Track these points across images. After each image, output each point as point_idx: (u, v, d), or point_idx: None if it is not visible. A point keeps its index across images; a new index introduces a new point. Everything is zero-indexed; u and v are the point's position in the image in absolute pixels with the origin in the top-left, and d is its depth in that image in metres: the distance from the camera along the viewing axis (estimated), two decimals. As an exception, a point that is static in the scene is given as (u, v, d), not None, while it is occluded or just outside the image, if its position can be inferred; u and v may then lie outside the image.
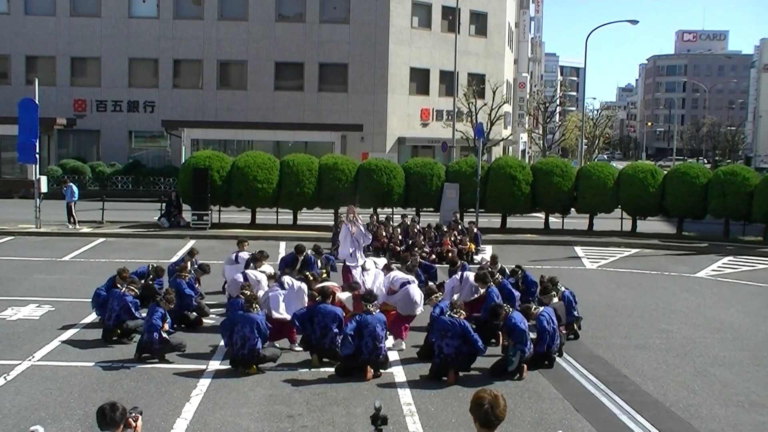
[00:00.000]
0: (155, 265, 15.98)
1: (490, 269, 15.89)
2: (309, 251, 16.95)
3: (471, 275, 14.94)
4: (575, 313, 14.43)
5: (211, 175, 27.77)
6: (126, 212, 32.10)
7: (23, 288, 17.69)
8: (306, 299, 13.51)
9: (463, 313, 12.24)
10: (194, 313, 14.75)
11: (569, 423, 10.15)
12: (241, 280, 14.42)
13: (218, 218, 29.54)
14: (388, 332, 12.53)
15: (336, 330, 12.23)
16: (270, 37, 48.51)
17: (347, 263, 16.91)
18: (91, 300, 14.72)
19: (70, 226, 27.23)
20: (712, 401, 11.14)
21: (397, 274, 14.58)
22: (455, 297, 14.70)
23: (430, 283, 15.07)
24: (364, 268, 15.36)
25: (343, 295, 13.80)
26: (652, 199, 28.67)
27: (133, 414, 6.19)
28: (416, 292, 13.72)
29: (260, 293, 13.67)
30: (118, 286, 14.34)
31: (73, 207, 27.66)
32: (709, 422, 10.32)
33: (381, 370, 11.83)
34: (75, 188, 28.36)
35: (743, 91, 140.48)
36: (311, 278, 15.80)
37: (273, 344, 12.49)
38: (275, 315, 12.94)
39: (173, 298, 13.11)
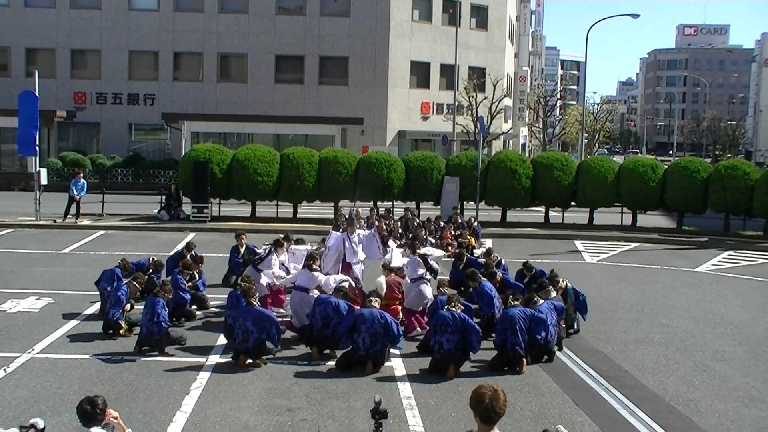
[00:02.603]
0: (155, 260, 15.99)
1: (485, 261, 16.01)
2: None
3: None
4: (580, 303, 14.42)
5: (211, 168, 27.74)
6: (126, 205, 32.07)
7: (23, 280, 17.69)
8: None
9: (461, 306, 12.22)
10: (194, 306, 14.79)
11: (569, 417, 10.15)
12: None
13: (218, 211, 29.52)
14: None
15: (337, 319, 12.25)
16: (270, 30, 48.43)
17: (347, 260, 16.93)
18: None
19: (73, 220, 27.10)
20: (712, 396, 11.15)
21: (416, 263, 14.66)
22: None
23: (440, 278, 15.10)
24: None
25: None
26: (652, 194, 28.64)
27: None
28: (428, 290, 14.15)
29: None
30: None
31: (80, 201, 27.53)
32: (708, 417, 10.32)
33: (380, 365, 11.80)
34: (84, 183, 28.06)
35: (744, 85, 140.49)
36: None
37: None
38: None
39: (171, 289, 13.12)
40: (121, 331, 13.16)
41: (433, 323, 11.92)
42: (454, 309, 11.85)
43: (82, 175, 28.64)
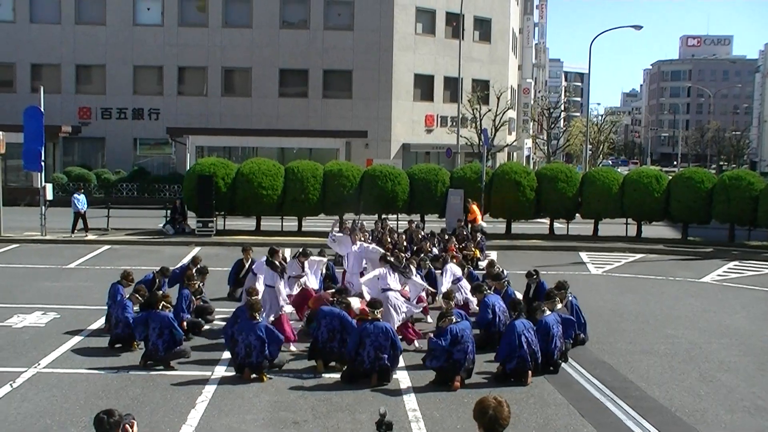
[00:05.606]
0: (159, 270, 15.92)
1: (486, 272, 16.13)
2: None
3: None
4: (577, 329, 14.13)
5: (215, 182, 27.79)
6: (131, 219, 32.16)
7: (29, 295, 17.73)
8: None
9: (453, 318, 12.17)
10: (200, 319, 14.81)
11: (574, 428, 10.14)
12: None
13: (223, 225, 29.56)
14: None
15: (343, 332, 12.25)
16: (274, 44, 48.62)
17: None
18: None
19: (75, 235, 27.16)
20: (718, 406, 11.12)
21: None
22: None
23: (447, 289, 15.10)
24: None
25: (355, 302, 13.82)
26: (656, 205, 28.60)
27: (129, 420, 6.20)
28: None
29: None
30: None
31: (84, 215, 27.60)
32: (714, 427, 10.30)
33: (385, 382, 11.72)
34: (83, 197, 28.16)
35: (748, 96, 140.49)
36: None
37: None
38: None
39: (171, 300, 13.14)
40: (135, 343, 13.21)
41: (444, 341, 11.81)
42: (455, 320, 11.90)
43: (82, 189, 28.82)
